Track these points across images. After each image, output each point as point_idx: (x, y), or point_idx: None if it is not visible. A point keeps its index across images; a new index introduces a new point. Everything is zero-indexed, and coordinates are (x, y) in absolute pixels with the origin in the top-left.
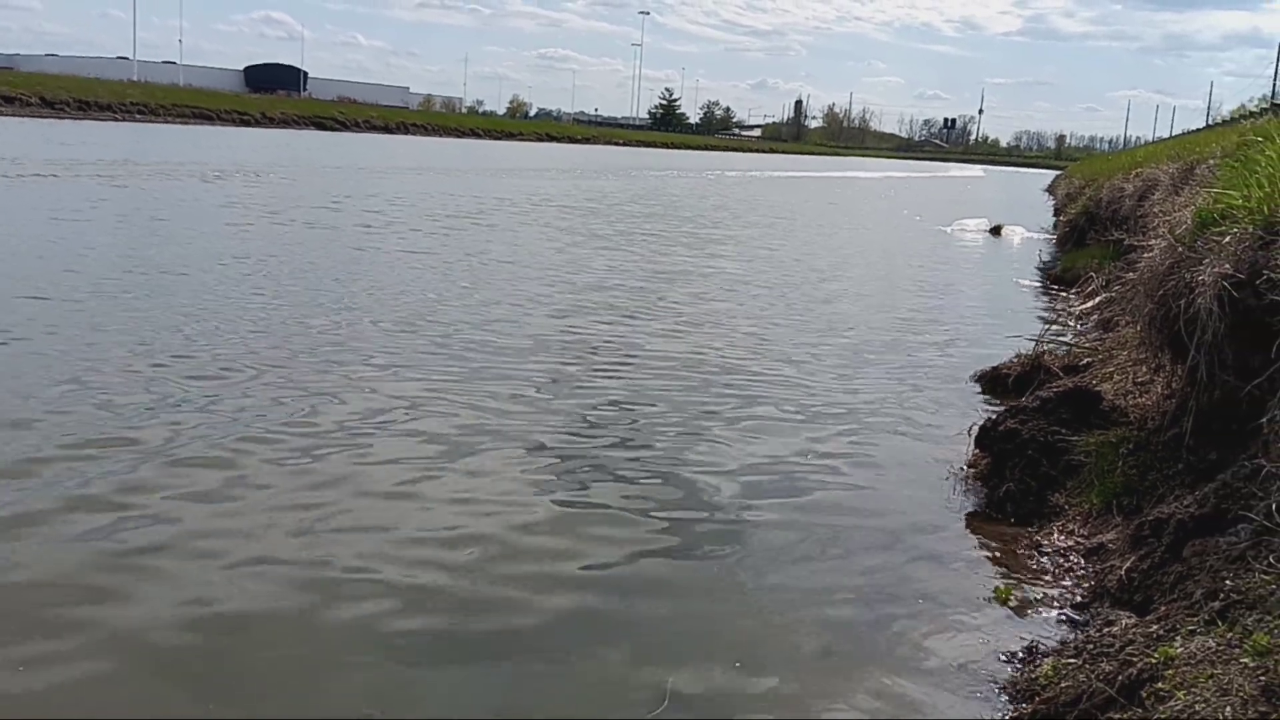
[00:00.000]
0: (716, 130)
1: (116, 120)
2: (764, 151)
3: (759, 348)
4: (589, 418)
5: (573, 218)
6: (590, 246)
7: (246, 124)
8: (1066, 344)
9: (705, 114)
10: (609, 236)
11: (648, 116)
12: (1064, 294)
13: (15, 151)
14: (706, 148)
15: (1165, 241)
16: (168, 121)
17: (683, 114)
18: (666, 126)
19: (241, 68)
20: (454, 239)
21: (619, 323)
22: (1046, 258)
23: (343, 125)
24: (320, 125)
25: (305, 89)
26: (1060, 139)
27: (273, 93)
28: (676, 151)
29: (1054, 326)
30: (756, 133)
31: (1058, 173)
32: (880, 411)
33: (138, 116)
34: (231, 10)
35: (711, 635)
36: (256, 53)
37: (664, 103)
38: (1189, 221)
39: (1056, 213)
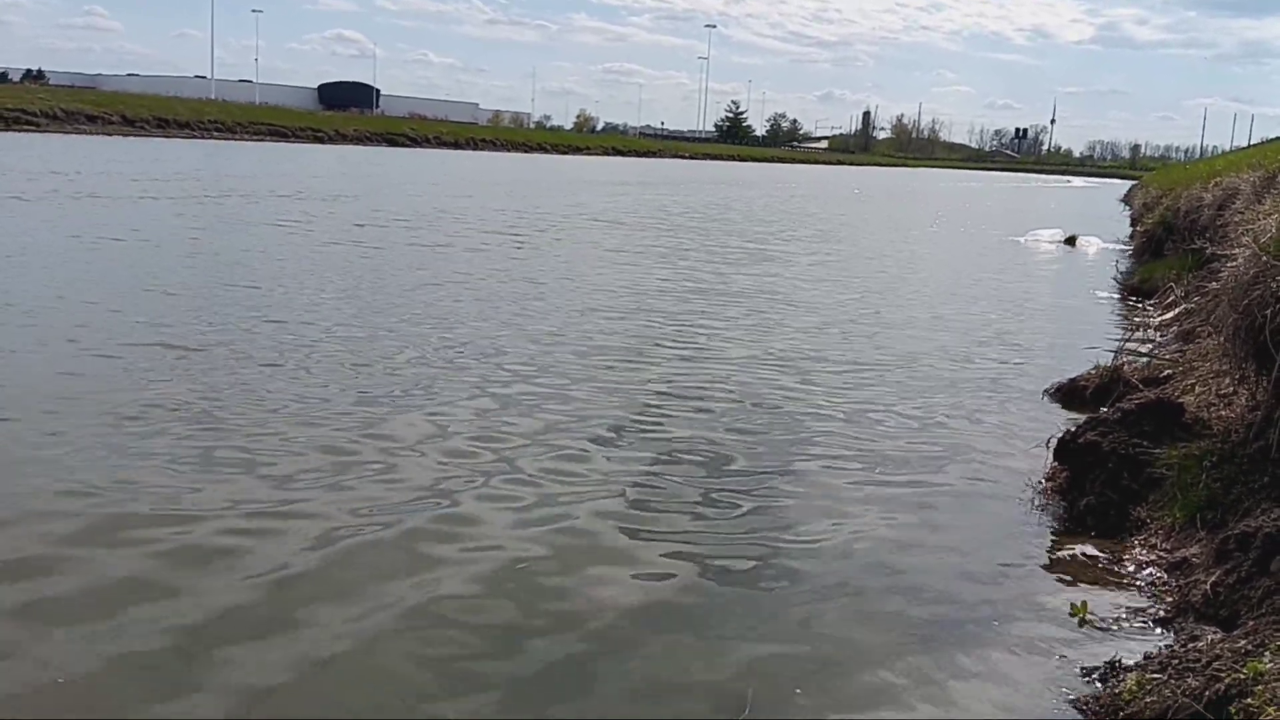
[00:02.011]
0: (783, 142)
1: (195, 137)
2: (831, 163)
3: (833, 360)
4: (658, 439)
5: (632, 232)
6: (650, 261)
7: (320, 140)
8: (1146, 355)
9: (772, 126)
10: (664, 252)
11: (714, 129)
12: (1142, 305)
13: (113, 168)
14: (773, 160)
15: (1249, 250)
16: (244, 139)
17: (749, 126)
18: (733, 139)
19: (315, 85)
20: (530, 256)
21: (689, 330)
22: (1123, 268)
23: (413, 141)
24: (391, 142)
25: (378, 106)
26: (1135, 148)
27: (346, 110)
28: (743, 164)
29: (1132, 338)
30: (823, 144)
31: (1133, 183)
32: (956, 423)
33: (215, 134)
34: (305, 29)
35: (784, 649)
36: (329, 71)
37: (730, 115)
38: (1273, 230)
39: (1133, 223)
